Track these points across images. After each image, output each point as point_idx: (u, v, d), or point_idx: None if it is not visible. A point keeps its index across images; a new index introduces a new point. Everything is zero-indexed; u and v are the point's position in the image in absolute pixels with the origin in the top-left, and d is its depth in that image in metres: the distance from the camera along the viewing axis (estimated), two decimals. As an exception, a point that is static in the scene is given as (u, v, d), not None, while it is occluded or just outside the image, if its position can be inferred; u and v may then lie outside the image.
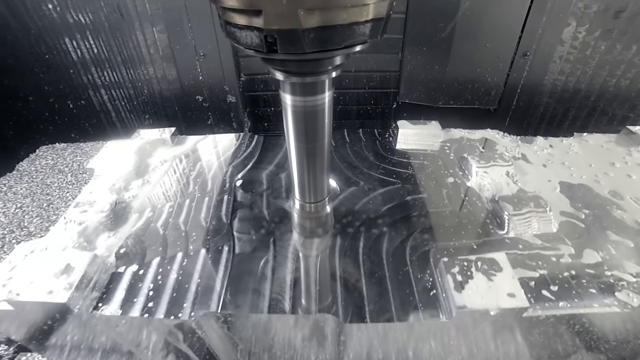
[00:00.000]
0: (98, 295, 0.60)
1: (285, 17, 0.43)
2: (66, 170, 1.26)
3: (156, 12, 1.10)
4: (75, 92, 1.33)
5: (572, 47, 1.16)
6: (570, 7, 1.09)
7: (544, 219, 0.71)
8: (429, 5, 1.11)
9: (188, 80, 1.23)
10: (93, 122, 1.41)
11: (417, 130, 1.03)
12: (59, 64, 1.25)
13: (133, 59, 1.22)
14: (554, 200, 0.77)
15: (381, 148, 0.99)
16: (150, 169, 0.90)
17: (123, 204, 0.79)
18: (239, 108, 1.28)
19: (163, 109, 1.32)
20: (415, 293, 0.61)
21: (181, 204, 0.81)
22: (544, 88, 1.26)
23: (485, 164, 0.84)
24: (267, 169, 0.94)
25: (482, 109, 1.33)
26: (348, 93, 1.32)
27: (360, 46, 0.51)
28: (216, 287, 0.63)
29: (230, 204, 0.81)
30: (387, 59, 1.25)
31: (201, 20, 1.09)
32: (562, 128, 1.35)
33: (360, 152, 0.98)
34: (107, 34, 1.17)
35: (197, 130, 1.37)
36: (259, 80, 1.27)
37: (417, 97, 1.31)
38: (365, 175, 0.89)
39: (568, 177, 0.83)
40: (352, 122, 1.40)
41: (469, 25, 1.12)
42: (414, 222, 0.75)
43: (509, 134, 1.36)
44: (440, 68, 1.22)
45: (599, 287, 0.59)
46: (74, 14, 1.14)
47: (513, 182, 0.80)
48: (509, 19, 1.12)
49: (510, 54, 1.19)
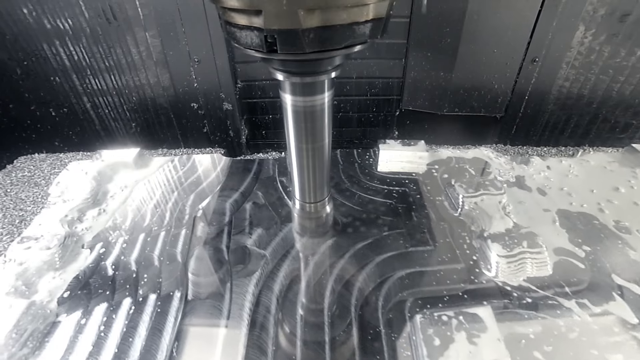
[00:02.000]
0: (28, 352, 0.51)
1: (285, 17, 0.41)
2: (42, 183, 1.16)
3: (148, 16, 1.01)
4: (57, 99, 1.22)
5: (578, 53, 1.11)
6: (582, 11, 1.03)
7: (539, 262, 0.61)
8: (434, 9, 1.04)
9: (182, 87, 1.14)
10: (77, 130, 1.31)
11: (400, 152, 0.93)
12: (38, 70, 1.15)
13: (121, 66, 1.12)
14: (551, 234, 0.67)
15: (360, 172, 0.90)
16: (108, 196, 0.83)
17: (74, 238, 0.71)
18: (236, 115, 1.20)
19: (156, 117, 1.23)
20: (385, 359, 0.51)
21: (135, 239, 0.72)
22: (555, 95, 1.21)
23: (475, 193, 0.75)
24: (232, 197, 0.86)
25: (488, 116, 1.27)
26: (349, 100, 1.25)
27: (360, 46, 0.49)
28: (163, 343, 0.54)
29: (188, 239, 0.73)
30: (390, 65, 1.18)
31: (195, 25, 1.01)
32: (564, 136, 1.31)
33: (335, 176, 0.89)
34: (89, 39, 1.07)
35: (192, 139, 1.28)
36: (256, 87, 1.19)
37: (421, 104, 1.24)
38: (339, 206, 0.81)
39: (567, 205, 0.73)
40: (354, 129, 1.33)
41: (476, 30, 1.06)
42: (389, 264, 0.65)
43: (513, 145, 1.31)
44: (445, 74, 1.16)
45: (603, 346, 0.48)
46: (51, 19, 1.04)
47: (505, 213, 0.71)
48: (518, 23, 1.06)
49: (518, 59, 1.13)
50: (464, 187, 0.75)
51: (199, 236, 0.74)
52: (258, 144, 1.35)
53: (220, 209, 0.81)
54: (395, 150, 0.88)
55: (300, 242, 0.74)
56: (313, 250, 0.71)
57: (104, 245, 0.71)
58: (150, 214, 0.79)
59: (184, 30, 1.02)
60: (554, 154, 1.24)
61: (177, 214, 0.79)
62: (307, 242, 0.74)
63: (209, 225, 0.76)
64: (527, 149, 1.31)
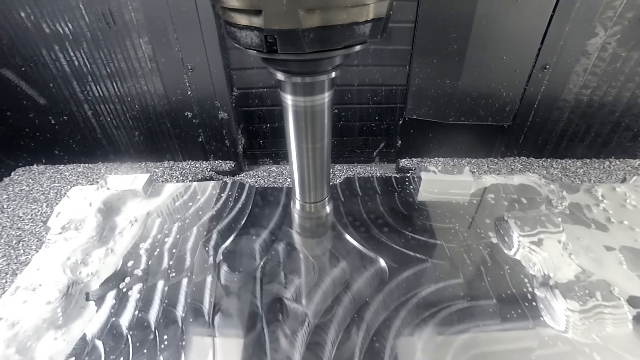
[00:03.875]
0: None
1: (285, 17, 0.41)
2: (42, 198, 1.11)
3: (140, 21, 0.96)
4: (57, 106, 1.19)
5: (599, 59, 1.02)
6: (597, 16, 0.95)
7: (618, 317, 0.51)
8: (441, 13, 0.98)
9: (175, 96, 1.09)
10: (77, 138, 1.27)
11: (443, 180, 0.82)
12: (36, 76, 1.12)
13: (122, 72, 1.08)
14: (620, 279, 0.56)
15: (401, 204, 0.79)
16: (116, 233, 0.71)
17: (79, 286, 0.60)
18: (232, 125, 1.15)
19: (157, 125, 1.19)
20: None
21: (151, 289, 0.61)
22: (564, 103, 1.13)
23: (531, 232, 0.64)
24: (260, 235, 0.73)
25: (495, 125, 1.19)
26: (350, 108, 1.19)
27: (360, 46, 0.48)
28: None
29: (214, 289, 0.61)
30: (393, 72, 1.11)
31: (188, 31, 0.96)
32: (583, 144, 1.22)
33: (376, 210, 0.78)
34: (90, 44, 1.03)
35: (187, 149, 1.23)
36: (253, 94, 1.14)
37: (425, 112, 1.17)
38: (383, 247, 0.69)
39: (632, 241, 0.62)
40: (355, 139, 1.27)
41: (485, 36, 0.99)
42: (448, 321, 0.55)
43: (520, 155, 1.23)
44: (451, 82, 1.09)
45: None
46: (50, 23, 1.00)
47: (568, 255, 0.60)
48: (529, 28, 0.99)
49: (528, 66, 1.06)
50: (518, 224, 0.66)
51: (224, 285, 0.63)
52: (255, 153, 1.30)
53: (246, 250, 0.70)
54: (437, 179, 0.80)
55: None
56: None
57: (114, 297, 0.59)
58: (167, 256, 0.67)
59: (176, 37, 0.97)
60: (599, 175, 1.14)
61: (197, 255, 0.68)
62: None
63: (235, 272, 0.66)
64: (549, 161, 1.23)
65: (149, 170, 1.21)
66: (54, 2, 0.95)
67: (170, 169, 1.21)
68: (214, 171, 1.19)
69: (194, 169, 1.20)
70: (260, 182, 1.12)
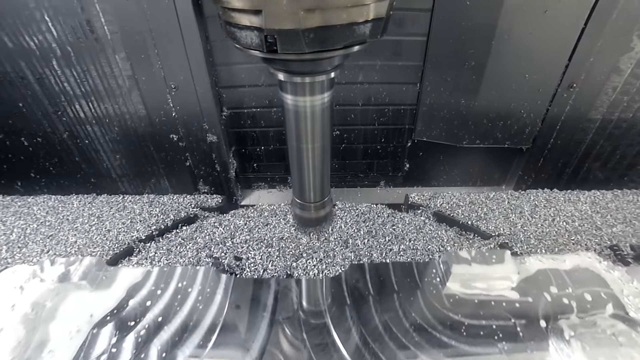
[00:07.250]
0: None
1: (285, 17, 0.40)
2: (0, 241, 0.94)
3: (115, 35, 0.82)
4: (29, 127, 1.04)
5: (632, 76, 0.89)
6: (635, 28, 0.82)
7: None
8: (457, 26, 0.84)
9: (159, 117, 0.95)
10: (54, 161, 1.12)
11: (477, 270, 0.60)
12: (4, 95, 0.97)
13: (98, 91, 0.93)
14: None
15: (423, 300, 0.58)
16: (45, 352, 0.49)
17: None
18: (222, 148, 1.00)
19: (140, 149, 1.04)
20: None
21: None
22: (589, 124, 0.99)
23: (604, 351, 0.45)
24: None
25: (513, 148, 1.05)
26: (354, 130, 1.05)
27: (360, 46, 0.47)
28: None
29: None
30: (402, 90, 0.97)
31: (170, 47, 0.82)
32: (607, 167, 1.08)
33: (391, 307, 0.57)
34: (60, 61, 0.89)
35: (174, 174, 1.08)
36: (245, 114, 0.99)
37: (437, 135, 1.03)
38: None
39: None
40: (358, 162, 1.12)
41: (507, 52, 0.85)
42: None
43: (558, 180, 1.08)
44: (466, 102, 0.95)
45: None
46: (12, 37, 0.85)
47: None
48: (556, 44, 0.85)
49: (553, 85, 0.92)
50: (581, 340, 0.47)
51: None
52: (249, 177, 1.15)
53: None
54: (469, 270, 0.59)
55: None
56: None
57: None
58: None
59: (156, 52, 0.82)
60: (634, 211, 0.99)
61: None
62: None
63: None
64: (575, 194, 1.09)
65: (127, 206, 1.05)
66: (15, 13, 0.81)
67: (150, 204, 1.05)
68: (199, 207, 1.04)
69: (177, 205, 1.04)
70: (250, 225, 0.96)
